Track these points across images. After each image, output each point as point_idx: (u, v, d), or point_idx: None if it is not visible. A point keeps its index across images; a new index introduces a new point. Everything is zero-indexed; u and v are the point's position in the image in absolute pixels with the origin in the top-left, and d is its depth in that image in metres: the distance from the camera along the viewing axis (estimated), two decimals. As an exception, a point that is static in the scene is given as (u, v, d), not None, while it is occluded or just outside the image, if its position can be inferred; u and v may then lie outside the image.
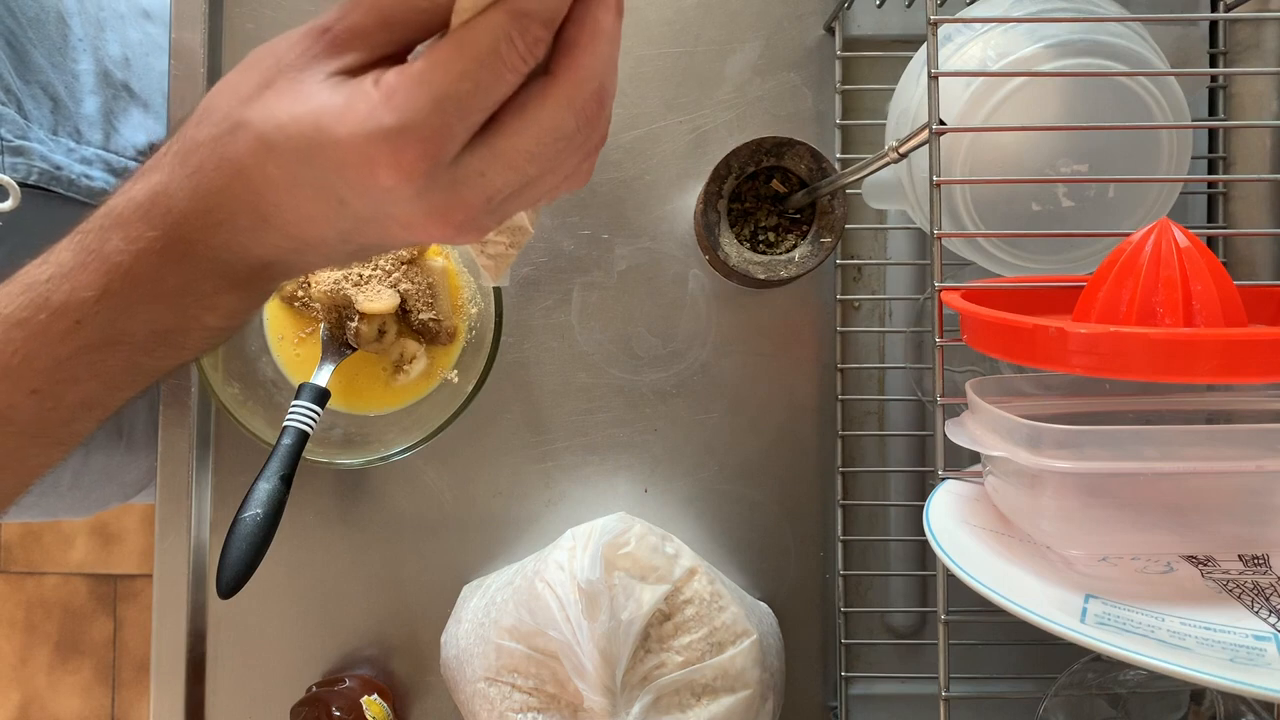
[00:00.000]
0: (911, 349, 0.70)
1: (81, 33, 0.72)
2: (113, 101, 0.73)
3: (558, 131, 0.31)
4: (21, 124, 0.64)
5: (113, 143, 0.72)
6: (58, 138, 0.67)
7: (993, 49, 0.54)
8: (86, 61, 0.71)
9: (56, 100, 0.68)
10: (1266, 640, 0.38)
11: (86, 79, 0.71)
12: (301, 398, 0.58)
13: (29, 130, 0.64)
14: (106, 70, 0.73)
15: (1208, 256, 0.42)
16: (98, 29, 0.74)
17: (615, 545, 0.59)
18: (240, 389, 0.62)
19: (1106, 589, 0.42)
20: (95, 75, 0.71)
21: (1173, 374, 0.38)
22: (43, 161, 0.65)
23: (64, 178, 0.66)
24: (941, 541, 0.44)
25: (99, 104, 0.71)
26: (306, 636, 0.68)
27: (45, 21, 0.69)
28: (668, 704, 0.57)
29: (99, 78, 0.72)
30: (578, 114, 0.31)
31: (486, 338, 0.62)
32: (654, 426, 0.69)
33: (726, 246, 0.62)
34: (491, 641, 0.58)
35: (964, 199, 0.54)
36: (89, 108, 0.71)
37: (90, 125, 0.70)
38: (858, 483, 0.69)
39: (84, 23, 0.72)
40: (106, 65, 0.73)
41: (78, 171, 0.68)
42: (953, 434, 0.46)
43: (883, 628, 0.70)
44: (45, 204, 0.65)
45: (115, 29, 0.75)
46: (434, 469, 0.68)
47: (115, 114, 0.73)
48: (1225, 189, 0.67)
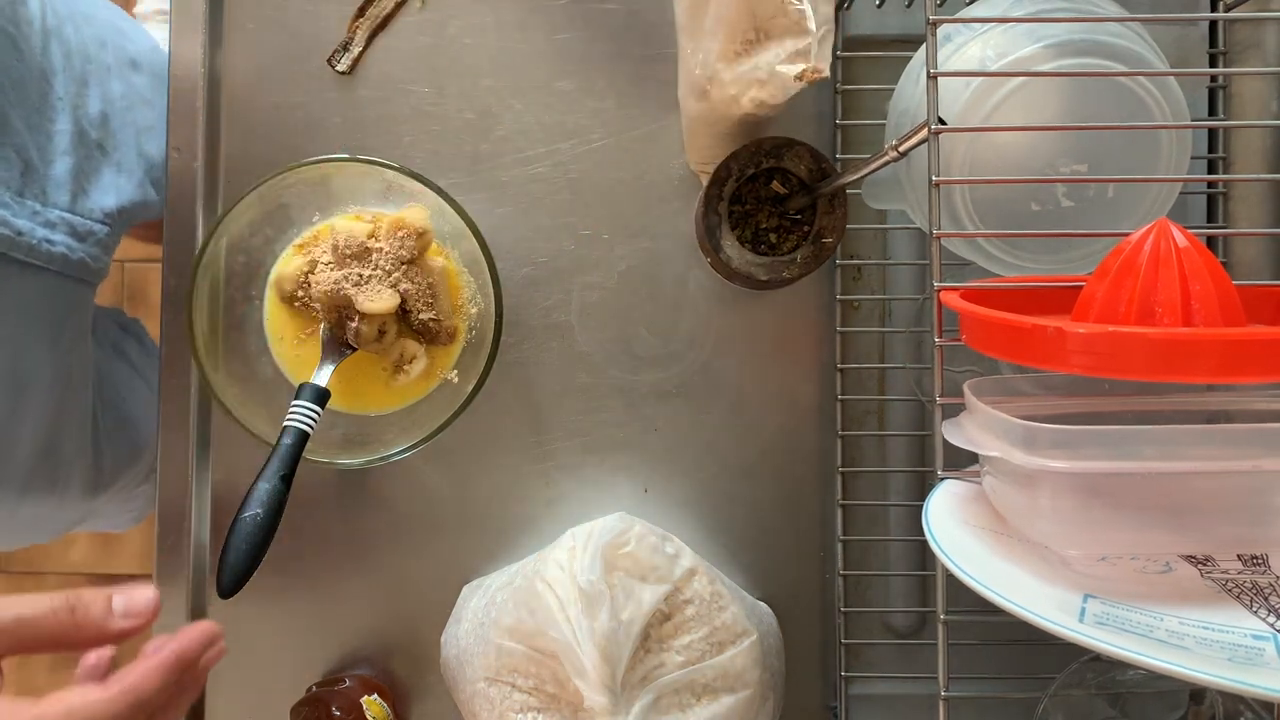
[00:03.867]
0: (911, 349, 0.70)
1: (63, 91, 0.72)
2: (85, 162, 0.73)
3: None
4: None
5: (79, 205, 0.72)
6: (23, 199, 0.67)
7: (992, 49, 0.54)
8: (64, 121, 0.71)
9: (28, 163, 0.68)
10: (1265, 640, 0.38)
11: (61, 140, 0.71)
12: (301, 397, 0.58)
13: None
14: (83, 130, 0.73)
15: (1207, 256, 0.42)
16: (80, 86, 0.73)
17: (615, 545, 0.59)
18: (241, 389, 0.62)
19: (1105, 589, 0.42)
20: (71, 135, 0.71)
21: (1171, 374, 0.38)
22: (4, 227, 0.65)
23: (23, 243, 0.66)
24: (940, 541, 0.44)
25: (70, 165, 0.71)
26: (306, 636, 0.68)
27: (27, 82, 0.68)
28: (668, 704, 0.57)
29: (74, 138, 0.71)
30: None
31: (487, 338, 0.62)
32: (654, 426, 0.69)
33: (728, 249, 0.62)
34: (491, 641, 0.58)
35: (963, 199, 0.54)
36: (60, 169, 0.70)
37: (58, 187, 0.70)
38: (857, 483, 0.69)
39: (67, 80, 0.72)
40: (83, 125, 0.73)
41: (39, 236, 0.68)
42: (950, 434, 0.46)
43: (882, 628, 0.70)
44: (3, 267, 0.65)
45: (99, 84, 0.75)
46: (434, 469, 0.68)
47: (86, 174, 0.73)
48: (1225, 189, 0.67)
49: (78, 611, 0.41)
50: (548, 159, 0.69)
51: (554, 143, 0.69)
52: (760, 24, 0.56)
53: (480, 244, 0.61)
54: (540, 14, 0.69)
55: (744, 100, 0.57)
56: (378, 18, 0.68)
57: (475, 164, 0.68)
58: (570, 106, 0.69)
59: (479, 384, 0.61)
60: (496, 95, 0.69)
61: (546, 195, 0.68)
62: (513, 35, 0.69)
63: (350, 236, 0.62)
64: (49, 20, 0.71)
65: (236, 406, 0.61)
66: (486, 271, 0.61)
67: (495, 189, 0.68)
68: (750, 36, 0.56)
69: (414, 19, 0.69)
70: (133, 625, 0.43)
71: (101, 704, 0.40)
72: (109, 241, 0.75)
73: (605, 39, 0.69)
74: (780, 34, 0.55)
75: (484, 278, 0.62)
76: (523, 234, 0.68)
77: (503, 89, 0.69)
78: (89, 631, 0.42)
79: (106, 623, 0.42)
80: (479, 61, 0.69)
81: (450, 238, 0.65)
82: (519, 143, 0.69)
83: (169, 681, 0.44)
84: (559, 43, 0.69)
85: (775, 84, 0.55)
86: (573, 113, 0.69)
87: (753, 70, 0.56)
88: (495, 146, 0.68)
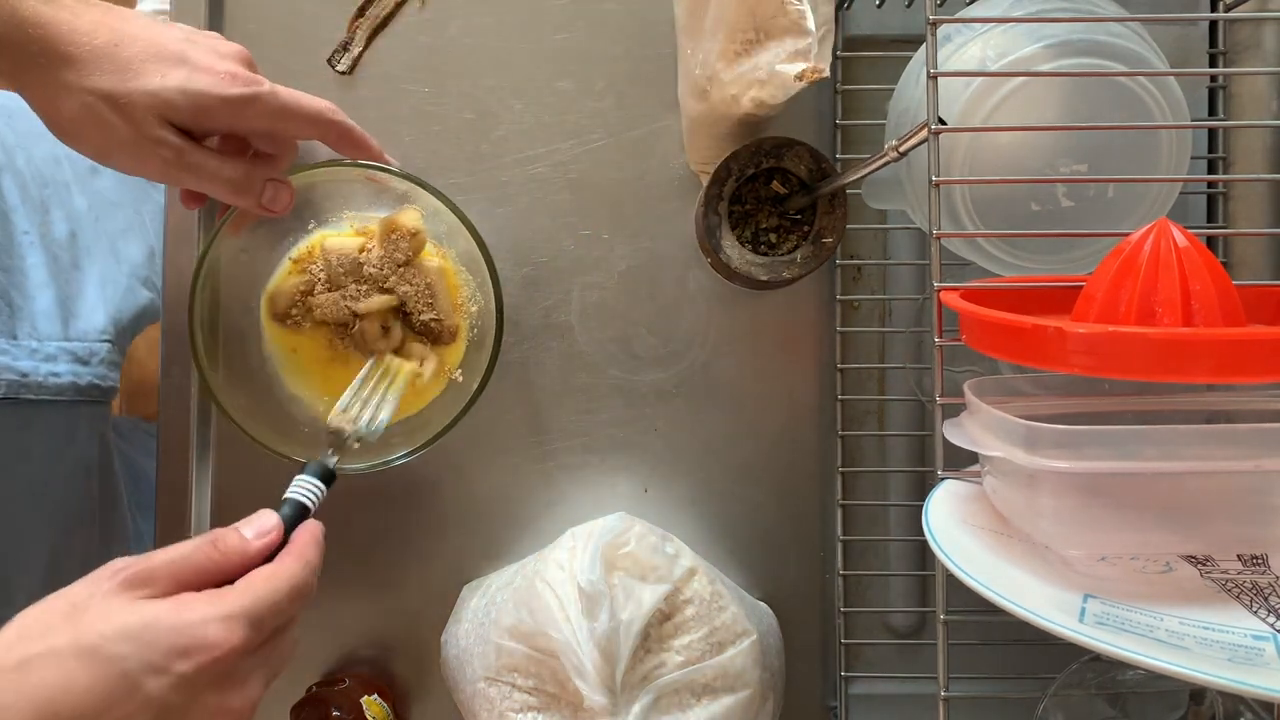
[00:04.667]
0: (911, 349, 0.70)
1: (26, 225, 0.71)
2: (65, 287, 0.73)
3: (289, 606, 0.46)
4: None
5: (72, 330, 0.72)
6: (18, 341, 0.67)
7: (992, 49, 0.54)
8: (35, 255, 0.71)
9: (11, 304, 0.68)
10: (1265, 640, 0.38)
11: (36, 273, 0.71)
12: (307, 472, 0.55)
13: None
14: (55, 256, 0.73)
15: (1207, 256, 0.42)
16: (42, 213, 0.73)
17: (615, 545, 0.59)
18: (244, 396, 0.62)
19: (1105, 589, 0.42)
20: (45, 267, 0.71)
21: (1171, 374, 0.38)
22: (8, 372, 0.65)
23: (32, 383, 0.67)
24: (940, 541, 0.44)
25: (53, 295, 0.71)
26: (306, 636, 0.68)
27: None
28: (668, 704, 0.57)
29: (49, 268, 0.71)
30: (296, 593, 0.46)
31: (488, 336, 0.62)
32: (654, 426, 0.69)
33: (728, 249, 0.62)
34: (491, 641, 0.58)
35: (963, 199, 0.54)
36: (43, 302, 0.70)
37: (47, 319, 0.70)
38: (857, 483, 0.69)
39: (28, 213, 0.72)
40: (54, 251, 0.73)
41: (44, 372, 0.68)
42: (950, 434, 0.46)
43: (882, 628, 0.70)
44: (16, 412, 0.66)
45: (61, 204, 0.75)
46: (434, 469, 0.68)
47: (70, 299, 0.73)
48: (1225, 189, 0.67)
49: (219, 544, 0.46)
50: (548, 159, 0.69)
51: (554, 143, 0.69)
52: (760, 24, 0.56)
53: (477, 241, 0.61)
54: (540, 14, 0.69)
55: (744, 100, 0.57)
56: (378, 18, 0.68)
57: (475, 164, 0.68)
58: (570, 106, 0.69)
59: (484, 381, 0.61)
60: (496, 95, 0.69)
61: (546, 195, 0.68)
62: (513, 35, 0.69)
63: (342, 255, 0.62)
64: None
65: (237, 412, 0.60)
66: (485, 269, 0.61)
67: (495, 189, 0.68)
68: (750, 36, 0.56)
69: (414, 19, 0.69)
70: (267, 542, 0.48)
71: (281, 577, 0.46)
72: (113, 357, 0.75)
73: (605, 39, 0.69)
74: (780, 34, 0.55)
75: (482, 275, 0.62)
76: (523, 234, 0.68)
77: (503, 89, 0.69)
78: (234, 557, 0.46)
79: (246, 546, 0.47)
80: (479, 61, 0.69)
81: (447, 237, 0.65)
82: (519, 143, 0.69)
83: (322, 551, 0.50)
84: (559, 43, 0.69)
85: (775, 84, 0.55)
86: (573, 113, 0.69)
87: (753, 70, 0.56)
88: (495, 146, 0.68)
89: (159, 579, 0.43)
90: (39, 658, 0.39)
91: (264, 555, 0.48)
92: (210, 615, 0.42)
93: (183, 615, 0.41)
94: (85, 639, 0.40)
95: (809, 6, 0.55)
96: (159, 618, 0.41)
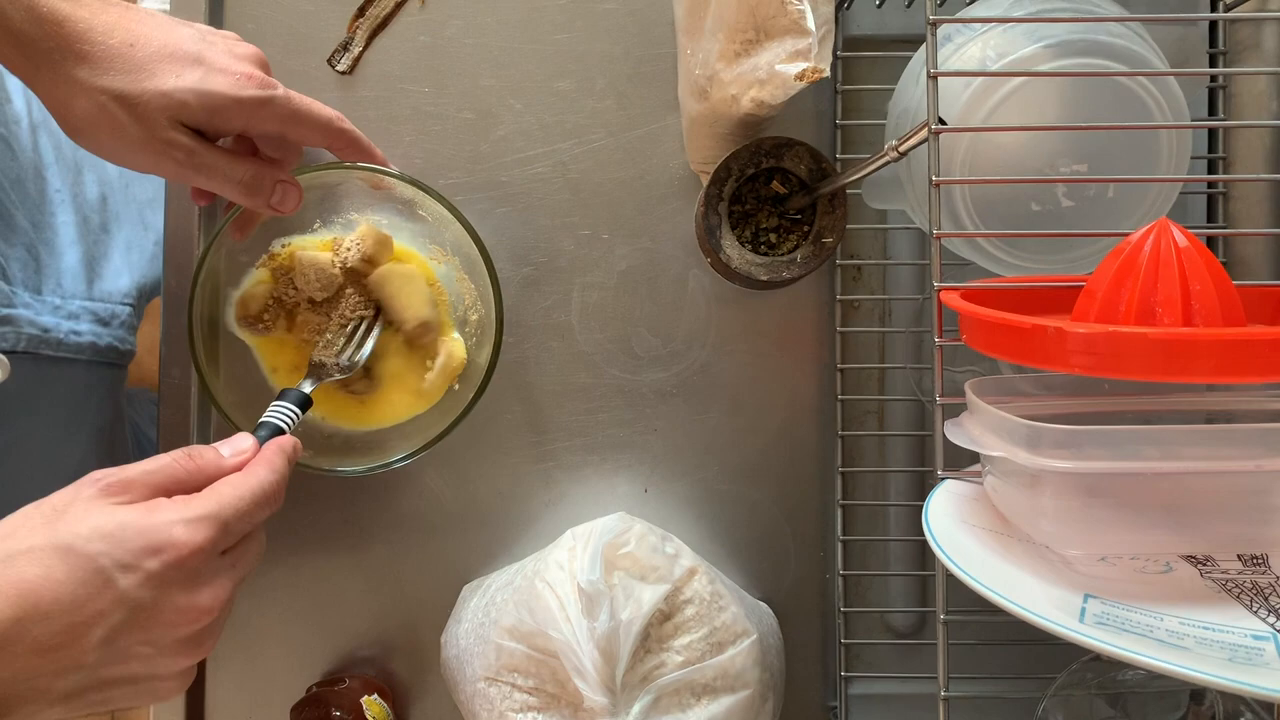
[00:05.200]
0: (911, 349, 0.70)
1: (59, 183, 0.72)
2: (93, 248, 0.74)
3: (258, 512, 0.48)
4: (7, 291, 0.64)
5: (96, 290, 0.73)
6: (42, 296, 0.68)
7: (992, 49, 0.54)
8: (65, 213, 0.72)
9: (38, 259, 0.68)
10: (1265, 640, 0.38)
11: (66, 230, 0.71)
12: (284, 399, 0.58)
13: (14, 296, 0.65)
14: (85, 217, 0.73)
15: (1207, 256, 0.42)
16: (76, 174, 0.74)
17: (615, 545, 0.59)
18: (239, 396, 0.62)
19: (1105, 589, 0.42)
20: (75, 225, 0.72)
21: (1171, 374, 0.38)
22: (30, 327, 0.65)
23: (52, 339, 0.67)
24: (940, 541, 0.44)
25: (80, 254, 0.72)
26: (306, 636, 0.68)
27: (25, 180, 0.69)
28: (668, 704, 0.57)
29: (79, 227, 0.72)
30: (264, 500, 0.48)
31: (486, 346, 0.62)
32: (654, 426, 0.69)
33: (729, 249, 0.62)
34: (491, 641, 0.58)
35: (963, 199, 0.54)
36: (70, 260, 0.71)
37: (73, 277, 0.71)
38: (857, 483, 0.69)
39: (61, 171, 0.73)
40: (85, 212, 0.74)
41: (66, 329, 0.68)
42: (951, 434, 0.46)
43: (882, 628, 0.70)
44: (36, 366, 0.66)
45: (93, 167, 0.76)
46: (434, 470, 0.68)
47: (96, 260, 0.74)
48: (1225, 189, 0.67)
49: (194, 456, 0.48)
50: (548, 159, 0.69)
51: (554, 143, 0.69)
52: (760, 24, 0.56)
53: (479, 247, 0.61)
54: (540, 14, 0.69)
55: (744, 100, 0.57)
56: (378, 18, 0.68)
57: (475, 164, 0.68)
58: (570, 106, 0.69)
59: (483, 385, 0.61)
60: (496, 95, 0.69)
61: (546, 195, 0.68)
62: (512, 35, 0.69)
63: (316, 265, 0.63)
64: (35, 114, 0.71)
65: (233, 412, 0.61)
66: (487, 277, 0.61)
67: (495, 189, 0.68)
68: (750, 36, 0.56)
69: (414, 19, 0.69)
70: (242, 460, 0.50)
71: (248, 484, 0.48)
72: (133, 321, 0.75)
73: (605, 39, 0.69)
74: (780, 34, 0.55)
75: (484, 283, 0.62)
76: (523, 234, 0.68)
77: (503, 89, 0.69)
78: (209, 469, 0.48)
79: (220, 461, 0.49)
80: (479, 61, 0.69)
81: (450, 244, 0.64)
82: (519, 143, 0.69)
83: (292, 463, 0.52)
84: (559, 43, 0.69)
85: (775, 84, 0.55)
86: (573, 113, 0.69)
87: (753, 70, 0.56)
88: (495, 146, 0.68)
89: (135, 486, 0.45)
90: (21, 554, 0.42)
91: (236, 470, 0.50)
92: (177, 517, 0.44)
93: (152, 517, 0.44)
94: (63, 538, 0.42)
95: (809, 6, 0.55)
96: (131, 520, 0.43)
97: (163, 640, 0.44)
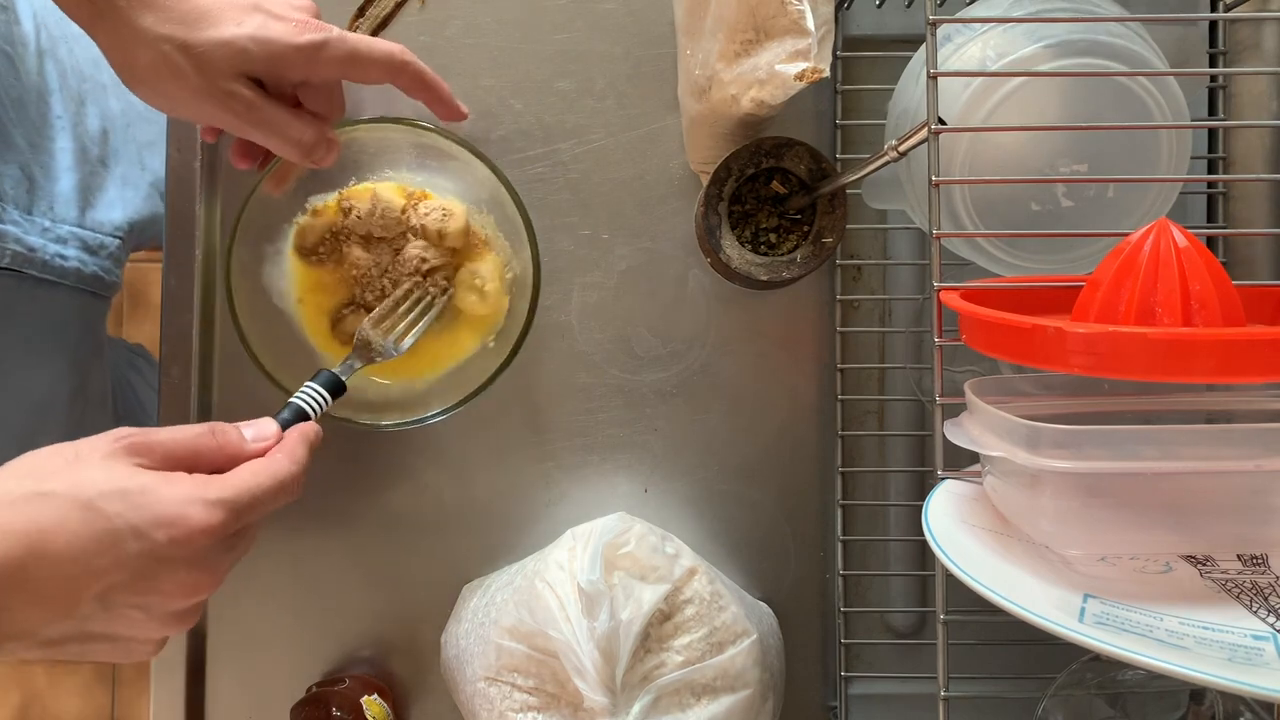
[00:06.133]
0: (911, 349, 0.70)
1: (61, 110, 0.72)
2: (89, 178, 0.73)
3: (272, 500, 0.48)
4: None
5: (88, 219, 0.73)
6: (32, 217, 0.67)
7: (992, 49, 0.54)
8: (65, 139, 0.72)
9: (33, 180, 0.68)
10: (1265, 640, 0.38)
11: (64, 156, 0.71)
12: (316, 381, 0.57)
13: (4, 212, 0.65)
14: (84, 146, 0.73)
15: (1206, 256, 0.42)
16: (78, 104, 0.74)
17: (615, 545, 0.59)
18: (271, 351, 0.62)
19: (1105, 588, 0.42)
20: (73, 153, 0.72)
21: (1171, 374, 0.38)
22: (16, 244, 0.65)
23: (37, 259, 0.67)
24: (940, 541, 0.44)
25: (75, 180, 0.71)
26: (306, 636, 0.68)
27: (26, 100, 0.69)
28: (668, 704, 0.57)
29: (76, 155, 0.72)
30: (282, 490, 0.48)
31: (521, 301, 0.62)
32: (654, 426, 0.69)
33: (728, 249, 0.62)
34: (491, 641, 0.58)
35: (963, 199, 0.54)
36: (65, 185, 0.71)
37: (66, 203, 0.71)
38: (857, 483, 0.69)
39: (65, 99, 0.73)
40: (84, 142, 0.74)
41: (52, 252, 0.68)
42: (951, 434, 0.46)
43: (882, 627, 0.70)
44: (18, 285, 0.66)
45: (96, 101, 0.76)
46: (434, 469, 0.68)
47: (91, 190, 0.74)
48: (1225, 189, 0.67)
49: (218, 435, 0.48)
50: (548, 159, 0.69)
51: (554, 143, 0.69)
52: (760, 24, 0.56)
53: (516, 203, 0.61)
54: (540, 14, 0.69)
55: (744, 100, 0.57)
56: (378, 18, 0.68)
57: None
58: (570, 106, 0.69)
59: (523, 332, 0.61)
60: (496, 95, 0.69)
61: (546, 195, 0.68)
62: (512, 35, 0.69)
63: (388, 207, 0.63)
64: (43, 41, 0.71)
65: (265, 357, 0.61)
66: (524, 232, 0.61)
67: (495, 189, 0.68)
68: (750, 36, 0.56)
69: (414, 19, 0.69)
70: (263, 447, 0.50)
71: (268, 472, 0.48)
72: (120, 255, 0.75)
73: (605, 39, 0.69)
74: (780, 34, 0.55)
75: (520, 239, 0.62)
76: (523, 234, 0.68)
77: (503, 89, 0.69)
78: (230, 450, 0.49)
79: (242, 445, 0.49)
80: (479, 61, 0.69)
81: (487, 204, 0.65)
82: (519, 143, 0.69)
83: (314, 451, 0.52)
84: (559, 43, 0.69)
85: (775, 84, 0.55)
86: (573, 113, 0.69)
87: (753, 70, 0.56)
88: (495, 146, 0.68)
89: (156, 452, 0.45)
90: (39, 497, 0.41)
91: (255, 456, 0.49)
92: (196, 495, 0.44)
93: (172, 489, 0.44)
94: (83, 490, 0.42)
95: (809, 6, 0.55)
96: (151, 486, 0.43)
97: (154, 608, 0.44)
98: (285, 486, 0.48)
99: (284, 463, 0.49)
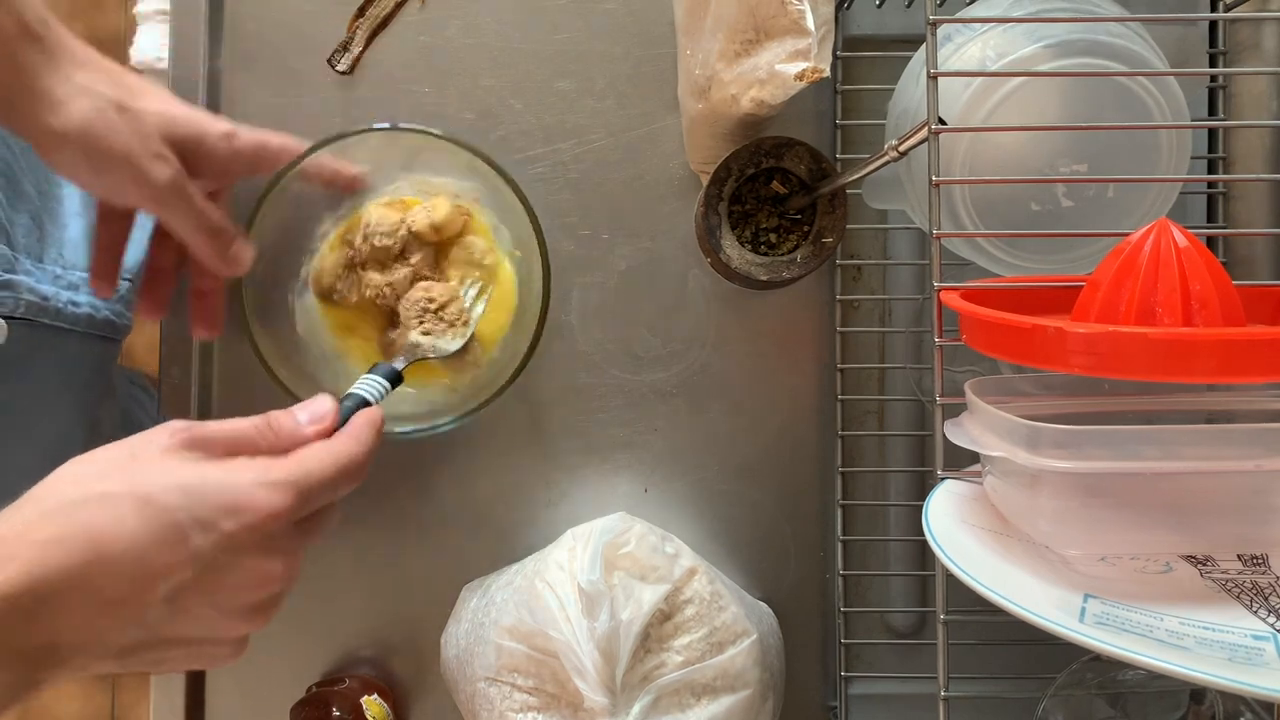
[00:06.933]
0: (911, 349, 0.70)
1: None
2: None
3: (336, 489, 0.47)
4: (9, 256, 0.64)
5: None
6: (43, 265, 0.67)
7: (992, 49, 0.54)
8: (70, 185, 0.71)
9: (43, 228, 0.68)
10: (1265, 640, 0.38)
11: (70, 202, 0.71)
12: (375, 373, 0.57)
13: (17, 263, 0.65)
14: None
15: (1207, 256, 0.42)
16: None
17: (615, 545, 0.59)
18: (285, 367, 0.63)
19: (1105, 588, 0.42)
20: (80, 198, 0.72)
21: (1171, 374, 0.38)
22: (30, 293, 0.65)
23: (51, 308, 0.67)
24: (940, 541, 0.44)
25: (83, 226, 0.71)
26: (306, 636, 0.68)
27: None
28: (668, 704, 0.57)
29: (83, 200, 0.72)
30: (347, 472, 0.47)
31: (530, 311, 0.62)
32: (654, 426, 0.69)
33: (728, 249, 0.62)
34: (491, 641, 0.58)
35: (963, 199, 0.54)
36: (73, 231, 0.71)
37: (74, 249, 0.71)
38: (857, 483, 0.69)
39: None
40: None
41: (64, 299, 0.68)
42: (951, 434, 0.46)
43: (882, 627, 0.70)
44: (31, 334, 0.65)
45: None
46: (434, 469, 0.68)
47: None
48: (1225, 189, 0.67)
49: (272, 423, 0.47)
50: (548, 159, 0.69)
51: (554, 143, 0.69)
52: (760, 24, 0.56)
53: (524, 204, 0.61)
54: (540, 14, 0.69)
55: (744, 100, 0.57)
56: (378, 18, 0.68)
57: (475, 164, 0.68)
58: (570, 106, 0.69)
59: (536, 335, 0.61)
60: (496, 95, 0.69)
61: (546, 195, 0.68)
62: (512, 35, 0.69)
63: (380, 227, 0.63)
64: None
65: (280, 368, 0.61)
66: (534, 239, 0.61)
67: (495, 189, 0.68)
68: (750, 36, 0.56)
69: (414, 19, 0.69)
70: (321, 428, 0.49)
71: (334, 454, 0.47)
72: (130, 297, 0.75)
73: (605, 39, 0.69)
74: (780, 34, 0.55)
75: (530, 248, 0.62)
76: (523, 234, 0.68)
77: (503, 89, 0.69)
78: (286, 437, 0.47)
79: (298, 430, 0.48)
80: (479, 61, 0.69)
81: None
82: (519, 143, 0.69)
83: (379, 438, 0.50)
84: (559, 43, 0.69)
85: (775, 84, 0.55)
86: (573, 113, 0.69)
87: (753, 70, 0.56)
88: (495, 146, 0.68)
89: (213, 445, 0.44)
90: (94, 499, 0.40)
91: (316, 440, 0.48)
92: (260, 479, 0.43)
93: (234, 476, 0.43)
94: (140, 487, 0.41)
95: (809, 6, 0.55)
96: (212, 477, 0.42)
97: (226, 604, 0.43)
98: (351, 469, 0.47)
99: (349, 443, 0.48)
